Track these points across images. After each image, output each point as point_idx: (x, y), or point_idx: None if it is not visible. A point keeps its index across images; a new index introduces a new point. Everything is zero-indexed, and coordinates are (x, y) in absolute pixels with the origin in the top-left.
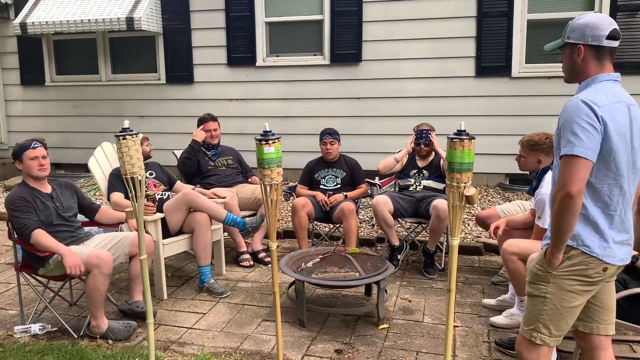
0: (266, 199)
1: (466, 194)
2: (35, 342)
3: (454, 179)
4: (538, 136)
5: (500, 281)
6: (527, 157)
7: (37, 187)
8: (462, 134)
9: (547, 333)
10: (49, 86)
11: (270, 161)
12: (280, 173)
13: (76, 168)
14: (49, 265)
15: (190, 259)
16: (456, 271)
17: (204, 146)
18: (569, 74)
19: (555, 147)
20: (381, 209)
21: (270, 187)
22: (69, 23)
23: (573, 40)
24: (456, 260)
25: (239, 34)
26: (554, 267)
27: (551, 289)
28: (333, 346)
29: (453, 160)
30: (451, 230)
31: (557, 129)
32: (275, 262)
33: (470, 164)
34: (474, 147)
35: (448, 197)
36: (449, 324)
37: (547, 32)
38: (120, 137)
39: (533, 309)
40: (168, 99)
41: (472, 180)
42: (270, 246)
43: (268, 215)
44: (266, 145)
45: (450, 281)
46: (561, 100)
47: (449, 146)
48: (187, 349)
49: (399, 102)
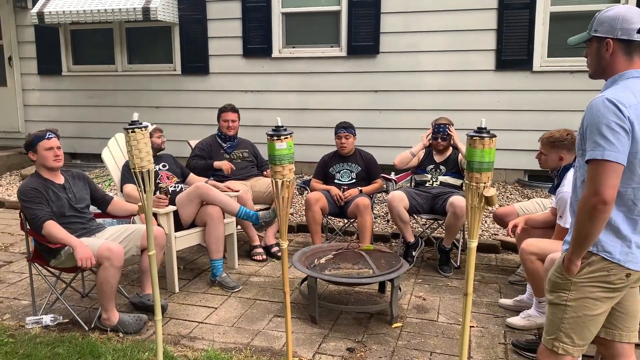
0: (277, 195)
1: (486, 195)
2: (47, 334)
3: (473, 178)
4: (559, 132)
5: (518, 280)
6: (548, 154)
7: (50, 178)
8: (482, 131)
9: (569, 342)
10: (65, 76)
11: (282, 157)
12: (292, 170)
13: (92, 158)
14: (60, 257)
15: (203, 252)
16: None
17: (220, 138)
18: (595, 69)
19: (577, 147)
20: (396, 204)
21: (282, 184)
22: (85, 13)
23: (601, 34)
24: (474, 263)
25: (255, 25)
26: (572, 274)
27: (572, 296)
28: (345, 344)
29: (473, 159)
30: (469, 232)
31: (582, 128)
32: (286, 260)
33: (491, 164)
34: (494, 145)
35: (466, 198)
36: (465, 327)
37: (571, 25)
38: (129, 130)
39: (554, 318)
40: (183, 89)
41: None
42: (281, 244)
43: (280, 213)
44: (278, 140)
45: (467, 284)
46: (584, 96)
47: (469, 144)
48: (197, 344)
49: (417, 95)
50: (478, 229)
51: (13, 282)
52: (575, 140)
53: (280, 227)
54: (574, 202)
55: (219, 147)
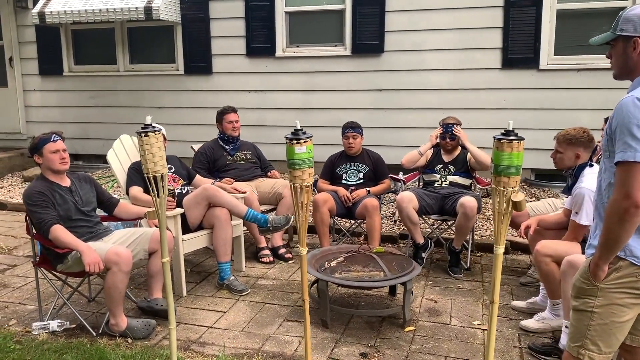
0: (296, 201)
1: (514, 200)
2: (54, 340)
3: (500, 182)
4: (575, 130)
5: (529, 282)
6: (565, 152)
7: (56, 181)
8: (510, 134)
9: (595, 350)
10: (67, 76)
11: (301, 161)
12: (311, 174)
13: (94, 159)
14: (67, 261)
15: (209, 254)
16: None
17: (223, 140)
18: (621, 70)
19: (604, 148)
20: (406, 205)
21: (301, 188)
22: (87, 12)
23: (628, 32)
24: (500, 269)
25: (258, 24)
26: (599, 279)
27: (599, 302)
28: (358, 349)
29: (500, 163)
30: (496, 238)
31: (609, 129)
32: (305, 268)
33: (519, 167)
34: (522, 148)
35: (493, 202)
36: (491, 335)
37: (578, 23)
38: (142, 134)
39: (580, 325)
40: (186, 89)
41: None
42: (300, 251)
43: (298, 220)
44: (297, 144)
45: (494, 292)
46: (591, 94)
47: (496, 147)
48: (208, 349)
49: (423, 94)
50: (505, 234)
51: (18, 286)
52: (591, 138)
53: (300, 233)
54: (599, 205)
55: (222, 150)
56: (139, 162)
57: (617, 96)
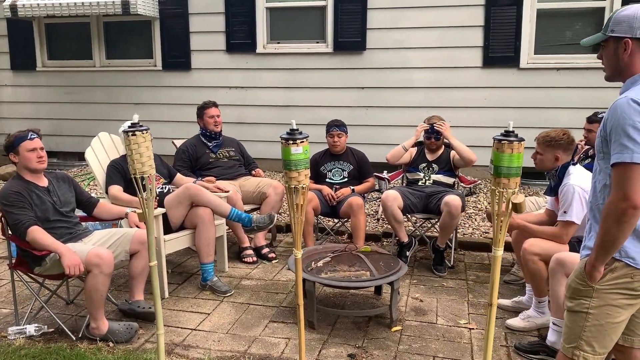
0: (292, 203)
1: (514, 202)
2: (32, 345)
3: (500, 184)
4: (555, 132)
5: (513, 280)
6: (544, 154)
7: (33, 181)
8: (510, 134)
9: (590, 351)
10: (40, 71)
11: (297, 162)
12: (307, 175)
13: (69, 156)
14: (45, 264)
15: (191, 254)
16: (466, 270)
17: (206, 136)
18: (612, 71)
19: (598, 149)
20: (390, 204)
21: (297, 190)
22: (61, 6)
23: (619, 33)
24: (499, 272)
25: (238, 20)
26: (595, 280)
27: (594, 304)
28: (346, 350)
29: (500, 164)
30: (494, 240)
31: (603, 131)
32: (300, 271)
33: (519, 169)
34: (523, 149)
35: (492, 204)
36: (488, 339)
37: (557, 22)
38: (129, 134)
39: (574, 326)
40: (164, 85)
41: (477, 173)
42: (295, 255)
43: (294, 222)
44: (294, 145)
45: (491, 295)
46: (570, 93)
47: (496, 148)
48: (192, 352)
49: (404, 92)
50: (504, 237)
51: None
52: (571, 140)
53: (295, 236)
54: (594, 206)
55: (204, 147)
56: (118, 160)
57: (596, 95)
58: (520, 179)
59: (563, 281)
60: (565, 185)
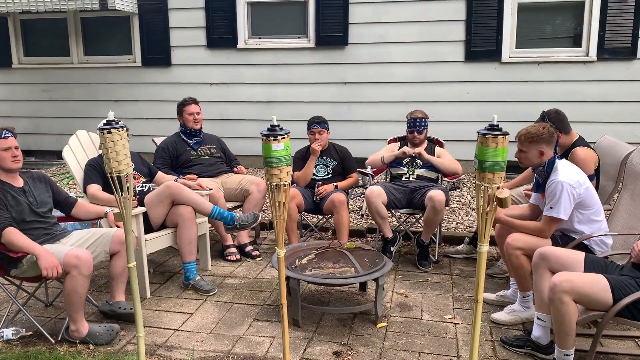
0: (273, 201)
1: (499, 197)
2: (9, 349)
3: (485, 179)
4: (535, 127)
5: (496, 273)
6: (528, 150)
7: (7, 181)
8: (494, 128)
9: None
10: (16, 68)
11: (279, 159)
12: (289, 172)
13: (48, 155)
14: (22, 266)
15: (172, 253)
16: (450, 264)
17: (186, 134)
18: None
19: None
20: (374, 200)
21: (278, 188)
22: (37, 1)
23: None
24: (484, 267)
25: (219, 15)
26: None
27: None
28: (331, 348)
29: (484, 159)
30: (480, 236)
31: None
32: (283, 271)
33: (504, 163)
34: (507, 143)
35: (477, 199)
36: (474, 335)
37: (538, 16)
38: (104, 131)
39: None
40: (144, 82)
41: (462, 168)
42: (278, 253)
43: (275, 220)
44: (274, 141)
45: (477, 291)
46: (551, 87)
47: (480, 143)
48: (176, 353)
49: (387, 87)
50: (490, 232)
51: None
52: (551, 133)
53: (277, 235)
54: None
55: (184, 144)
56: (96, 159)
57: (577, 89)
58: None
59: (546, 276)
60: (553, 181)
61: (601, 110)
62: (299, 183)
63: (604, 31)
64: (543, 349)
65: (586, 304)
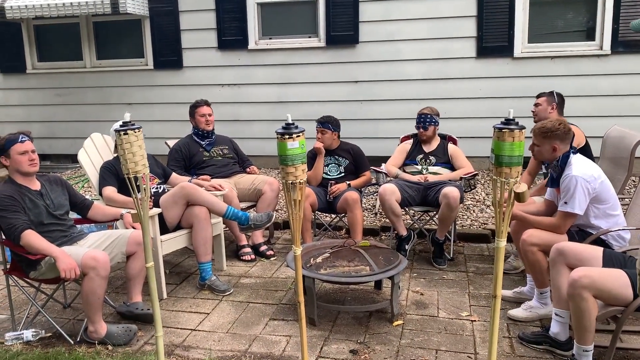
0: (289, 199)
1: (517, 191)
2: (29, 350)
3: (502, 173)
4: (551, 122)
5: (507, 269)
6: (541, 145)
7: (25, 184)
8: (511, 123)
9: None
10: (30, 74)
11: (294, 157)
12: (305, 170)
13: (63, 159)
14: (41, 268)
15: (188, 254)
16: (465, 262)
17: (198, 135)
18: None
19: None
20: (388, 198)
21: (294, 186)
22: (50, 7)
23: None
24: (502, 263)
25: (229, 16)
26: None
27: None
28: (347, 346)
29: (501, 153)
30: (497, 231)
31: None
32: (300, 268)
33: (521, 157)
34: (524, 137)
35: (494, 194)
36: (493, 331)
37: (551, 10)
38: (121, 133)
39: None
40: (156, 85)
41: (473, 164)
42: (294, 251)
43: (292, 218)
44: (290, 139)
45: (495, 286)
46: (565, 81)
47: (497, 137)
48: (193, 353)
49: (398, 85)
50: (507, 227)
51: None
52: (567, 130)
53: (293, 233)
54: None
55: (197, 145)
56: (111, 161)
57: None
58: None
59: (564, 271)
60: (567, 175)
61: (615, 104)
62: (310, 182)
63: (617, 24)
64: (561, 345)
65: (606, 300)
